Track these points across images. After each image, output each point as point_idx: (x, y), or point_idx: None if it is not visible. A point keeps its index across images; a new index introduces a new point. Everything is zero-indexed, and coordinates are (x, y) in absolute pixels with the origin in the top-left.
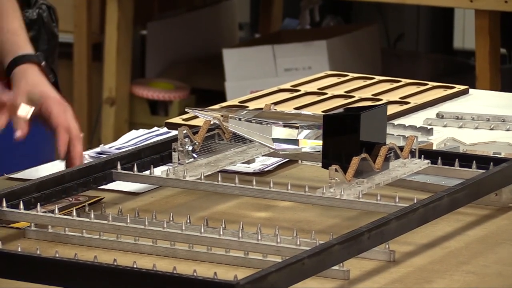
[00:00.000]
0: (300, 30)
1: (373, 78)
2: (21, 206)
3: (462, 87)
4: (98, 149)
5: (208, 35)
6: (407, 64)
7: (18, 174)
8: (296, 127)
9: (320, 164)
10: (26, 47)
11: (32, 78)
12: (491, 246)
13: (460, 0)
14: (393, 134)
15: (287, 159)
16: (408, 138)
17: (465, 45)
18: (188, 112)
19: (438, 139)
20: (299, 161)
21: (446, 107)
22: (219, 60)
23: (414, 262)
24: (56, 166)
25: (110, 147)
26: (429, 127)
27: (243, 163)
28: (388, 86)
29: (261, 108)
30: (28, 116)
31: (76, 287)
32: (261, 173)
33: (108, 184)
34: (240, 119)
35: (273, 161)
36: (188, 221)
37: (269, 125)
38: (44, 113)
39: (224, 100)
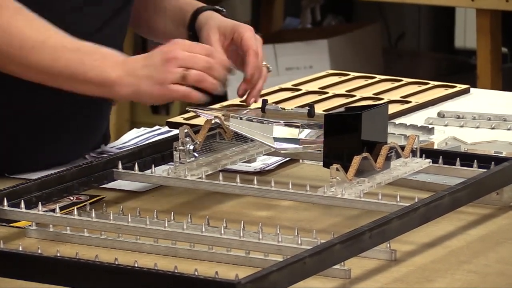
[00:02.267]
0: (301, 29)
1: (374, 77)
2: (22, 205)
3: (463, 86)
4: (99, 149)
5: None
6: (408, 63)
7: (19, 173)
8: (297, 126)
9: (321, 163)
10: (203, 5)
11: (217, 17)
12: (492, 245)
13: (462, 0)
14: (394, 133)
15: (288, 158)
16: (409, 137)
17: (466, 44)
18: (189, 111)
19: (439, 138)
20: (300, 160)
21: (447, 106)
22: None
23: (415, 261)
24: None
25: (111, 147)
26: (430, 126)
27: (244, 162)
28: (389, 85)
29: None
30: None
31: (77, 286)
32: (262, 172)
33: (109, 183)
34: (241, 118)
35: (274, 160)
36: (189, 220)
37: (270, 124)
38: (236, 39)
39: (225, 99)
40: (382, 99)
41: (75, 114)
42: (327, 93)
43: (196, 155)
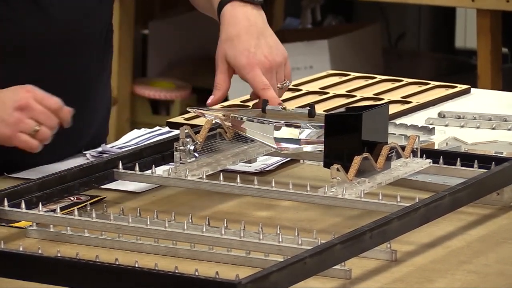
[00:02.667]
0: (302, 29)
1: (375, 78)
2: (23, 205)
3: (464, 86)
4: (99, 149)
5: (209, 34)
6: (408, 64)
7: (19, 173)
8: (298, 127)
9: (322, 163)
10: None
11: (228, 29)
12: (493, 246)
13: (462, 0)
14: (394, 134)
15: (288, 159)
16: (410, 137)
17: (466, 44)
18: (189, 112)
19: (440, 138)
20: (301, 161)
21: (448, 107)
22: None
23: (415, 262)
24: (57, 166)
25: (111, 147)
26: (430, 126)
27: (244, 162)
28: (389, 85)
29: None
30: None
31: (77, 286)
32: (262, 173)
33: (110, 184)
34: (241, 119)
35: (274, 160)
36: (190, 220)
37: (270, 124)
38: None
39: (226, 99)
40: (382, 99)
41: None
42: (327, 93)
43: (197, 155)
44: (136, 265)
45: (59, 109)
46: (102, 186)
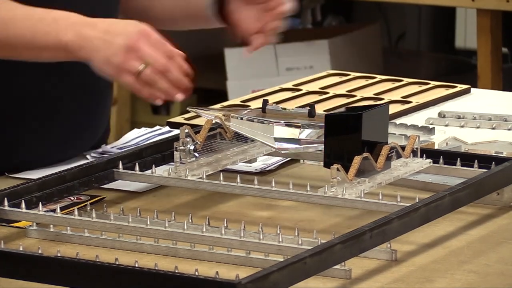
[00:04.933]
0: (302, 29)
1: (375, 78)
2: (23, 205)
3: (464, 86)
4: (100, 149)
5: (209, 35)
6: (408, 64)
7: (19, 173)
8: (298, 127)
9: (322, 163)
10: None
11: None
12: (493, 246)
13: (462, 0)
14: (395, 134)
15: (289, 158)
16: (410, 137)
17: (466, 44)
18: (189, 112)
19: (440, 138)
20: (301, 161)
21: (448, 107)
22: (221, 60)
23: (415, 261)
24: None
25: (112, 147)
26: (430, 126)
27: (244, 162)
28: (389, 85)
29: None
30: None
31: (77, 286)
32: (263, 172)
33: (110, 183)
34: (241, 119)
35: (275, 160)
36: (190, 220)
37: (271, 124)
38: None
39: (226, 99)
40: (382, 99)
41: (74, 108)
42: (327, 93)
43: (197, 155)
44: (136, 265)
45: (171, 56)
46: (102, 186)
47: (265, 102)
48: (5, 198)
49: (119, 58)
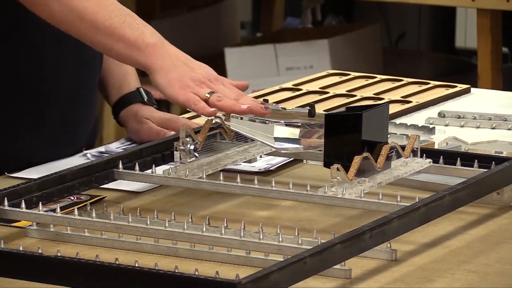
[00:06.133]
0: (302, 29)
1: (375, 77)
2: (23, 205)
3: (464, 86)
4: (101, 149)
5: (209, 34)
6: (408, 63)
7: (19, 173)
8: (298, 127)
9: (322, 163)
10: (130, 83)
11: (143, 113)
12: (493, 245)
13: (462, 0)
14: (395, 133)
15: (291, 159)
16: (410, 137)
17: (467, 44)
18: (189, 112)
19: (440, 138)
20: (304, 161)
21: (448, 106)
22: (221, 59)
23: (415, 261)
24: (57, 166)
25: (116, 148)
26: (430, 126)
27: (245, 162)
28: (389, 85)
29: None
30: None
31: (77, 286)
32: (265, 173)
33: (110, 183)
34: (241, 118)
35: (278, 160)
36: (190, 220)
37: (271, 124)
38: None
39: None
40: (382, 99)
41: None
42: (327, 93)
43: (197, 155)
44: (136, 265)
45: (243, 94)
46: (102, 186)
47: (265, 102)
48: (5, 198)
49: (193, 83)
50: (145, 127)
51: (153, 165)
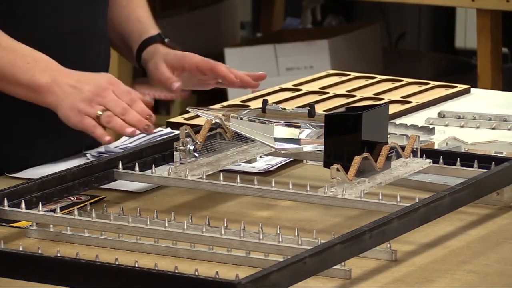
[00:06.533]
0: (302, 29)
1: (375, 78)
2: (23, 205)
3: (464, 86)
4: (101, 149)
5: (209, 34)
6: (408, 64)
7: (19, 173)
8: (298, 127)
9: (322, 163)
10: (149, 31)
11: (162, 51)
12: (493, 246)
13: (462, 0)
14: (395, 134)
15: (291, 159)
16: (410, 137)
17: (466, 44)
18: (189, 112)
19: (440, 138)
20: (304, 161)
21: (448, 107)
22: (221, 59)
23: (415, 262)
24: (57, 166)
25: (114, 147)
26: (430, 126)
27: (245, 162)
28: (389, 85)
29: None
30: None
31: (77, 286)
32: (265, 173)
33: (110, 184)
34: (241, 119)
35: (278, 160)
36: (190, 220)
37: (270, 124)
38: (189, 67)
39: (226, 99)
40: (382, 99)
41: None
42: (327, 93)
43: (197, 155)
44: (136, 265)
45: (133, 100)
46: (102, 186)
47: (265, 102)
48: (5, 198)
49: (83, 105)
50: (158, 72)
51: (153, 165)
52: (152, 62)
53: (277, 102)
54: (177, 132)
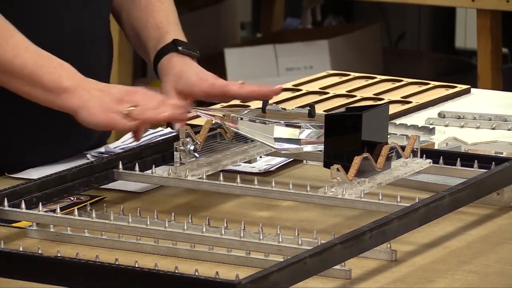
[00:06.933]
0: (302, 29)
1: (375, 78)
2: (23, 205)
3: (464, 86)
4: (101, 149)
5: (209, 35)
6: (408, 64)
7: (19, 173)
8: (298, 127)
9: (322, 163)
10: (165, 39)
11: (171, 71)
12: (493, 246)
13: (462, 0)
14: (395, 134)
15: (291, 159)
16: (410, 137)
17: (466, 44)
18: (189, 112)
19: (440, 138)
20: (304, 161)
21: (448, 107)
22: (221, 60)
23: (415, 262)
24: (57, 167)
25: (114, 147)
26: (430, 126)
27: (245, 162)
28: (389, 85)
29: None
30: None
31: (77, 286)
32: (265, 173)
33: (110, 184)
34: (241, 119)
35: (278, 160)
36: (190, 220)
37: (271, 124)
38: (200, 96)
39: None
40: (382, 99)
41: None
42: (327, 93)
43: (197, 155)
44: (136, 265)
45: (165, 99)
46: (102, 186)
47: (265, 102)
48: (5, 198)
49: (113, 103)
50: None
51: (153, 165)
52: (163, 87)
53: (277, 102)
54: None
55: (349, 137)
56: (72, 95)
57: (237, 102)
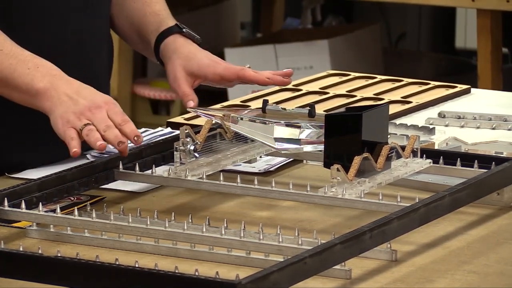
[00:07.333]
0: (302, 29)
1: (375, 78)
2: (23, 205)
3: (464, 86)
4: None
5: (209, 35)
6: (409, 64)
7: (19, 173)
8: (298, 127)
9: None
10: (167, 23)
11: (182, 50)
12: (493, 246)
13: (462, 0)
14: (395, 134)
15: (291, 159)
16: (410, 137)
17: (467, 44)
18: (189, 112)
19: (440, 138)
20: (304, 161)
21: (448, 107)
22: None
23: (415, 262)
24: (57, 167)
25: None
26: (431, 126)
27: (245, 162)
28: (389, 85)
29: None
30: None
31: (78, 287)
32: (265, 173)
33: (110, 184)
34: (241, 119)
35: (278, 161)
36: (190, 220)
37: (271, 124)
38: (213, 78)
39: (226, 99)
40: (382, 99)
41: None
42: (327, 93)
43: (197, 155)
44: (136, 265)
45: (126, 120)
46: (102, 186)
47: (265, 102)
48: (5, 198)
49: (73, 116)
50: (175, 84)
51: (153, 165)
52: (171, 66)
53: (277, 102)
54: (177, 132)
55: (349, 137)
56: (44, 97)
57: (237, 102)
